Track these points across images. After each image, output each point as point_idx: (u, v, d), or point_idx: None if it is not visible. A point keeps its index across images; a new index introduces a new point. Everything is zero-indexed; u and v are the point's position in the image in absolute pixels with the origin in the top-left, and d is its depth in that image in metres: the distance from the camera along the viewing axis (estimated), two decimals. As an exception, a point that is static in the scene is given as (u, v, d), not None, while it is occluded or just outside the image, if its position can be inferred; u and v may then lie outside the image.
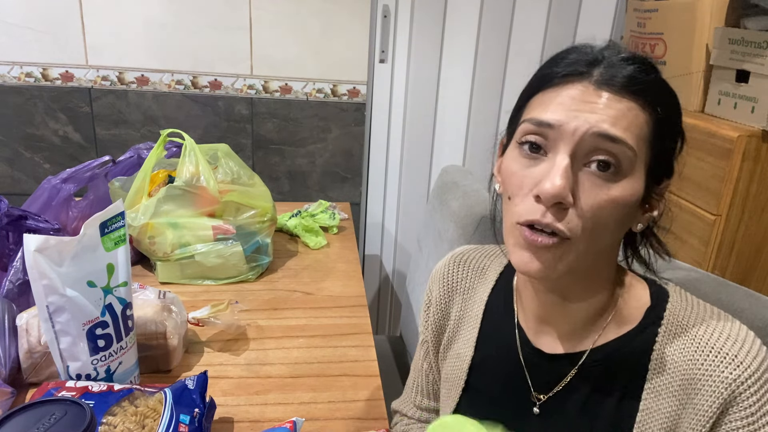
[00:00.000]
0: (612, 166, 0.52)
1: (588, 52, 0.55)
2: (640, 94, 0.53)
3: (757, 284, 1.37)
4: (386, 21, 1.91)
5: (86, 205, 1.23)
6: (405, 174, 2.08)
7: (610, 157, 0.52)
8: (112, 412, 0.68)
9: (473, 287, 0.75)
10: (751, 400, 0.53)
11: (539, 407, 0.66)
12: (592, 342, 0.62)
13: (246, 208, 1.23)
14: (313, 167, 1.98)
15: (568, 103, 0.53)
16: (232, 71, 1.87)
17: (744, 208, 1.30)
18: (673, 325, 0.59)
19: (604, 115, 0.52)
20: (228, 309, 1.01)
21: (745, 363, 0.54)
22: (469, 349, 0.72)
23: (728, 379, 0.54)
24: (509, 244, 0.58)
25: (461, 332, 0.75)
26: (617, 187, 0.53)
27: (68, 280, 0.73)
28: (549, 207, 0.52)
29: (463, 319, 0.75)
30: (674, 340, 0.58)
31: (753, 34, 1.29)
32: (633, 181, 0.53)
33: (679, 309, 0.60)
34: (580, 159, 0.53)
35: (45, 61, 1.80)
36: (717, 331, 0.56)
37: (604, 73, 0.53)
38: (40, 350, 0.83)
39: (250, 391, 0.88)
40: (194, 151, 1.18)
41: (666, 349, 0.58)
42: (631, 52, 0.55)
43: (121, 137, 1.89)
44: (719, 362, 0.54)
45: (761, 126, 1.27)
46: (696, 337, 0.57)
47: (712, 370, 0.54)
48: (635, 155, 0.52)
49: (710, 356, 0.55)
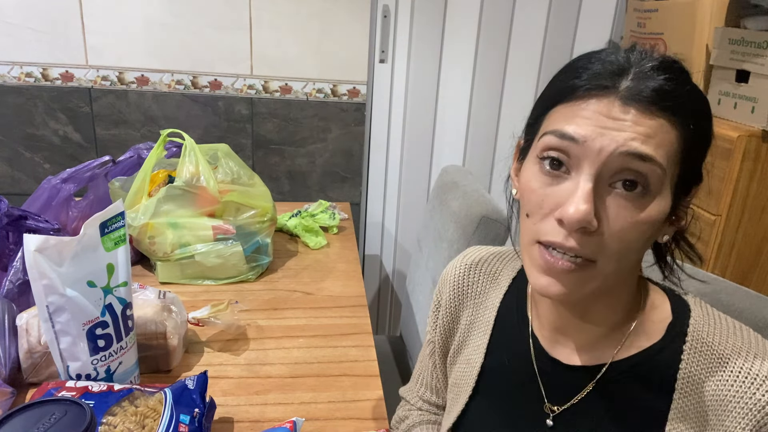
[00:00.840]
0: (640, 186, 0.49)
1: (613, 61, 0.51)
2: (671, 110, 0.49)
3: (757, 284, 1.37)
4: (386, 21, 1.91)
5: (86, 205, 1.23)
6: (405, 174, 2.08)
7: (638, 177, 0.49)
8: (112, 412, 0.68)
9: (485, 292, 0.73)
10: None
11: (553, 419, 0.63)
12: (611, 355, 0.60)
13: (246, 208, 1.23)
14: (313, 167, 1.98)
15: (594, 119, 0.49)
16: (232, 71, 1.87)
17: (744, 208, 1.30)
18: (698, 342, 0.57)
19: (633, 133, 0.48)
20: (228, 309, 1.01)
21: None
22: (479, 356, 0.70)
23: (761, 402, 0.51)
24: (526, 262, 0.55)
25: (471, 338, 0.73)
26: (644, 208, 0.50)
27: (68, 280, 0.73)
28: (572, 232, 0.50)
29: (473, 325, 0.73)
30: (701, 358, 0.56)
31: (753, 34, 1.29)
32: (661, 199, 0.51)
33: (703, 324, 0.58)
34: (606, 179, 0.50)
35: (45, 61, 1.80)
36: (744, 349, 0.54)
37: (631, 87, 0.49)
38: (40, 350, 0.83)
39: (250, 391, 0.88)
40: (194, 151, 1.18)
41: (693, 368, 0.56)
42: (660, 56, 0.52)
43: (121, 137, 1.89)
44: (750, 384, 0.52)
45: (761, 126, 1.27)
46: (723, 357, 0.55)
47: (743, 392, 0.52)
48: (665, 173, 0.50)
49: (740, 377, 0.53)
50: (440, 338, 0.77)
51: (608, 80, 0.50)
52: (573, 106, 0.51)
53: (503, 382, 0.69)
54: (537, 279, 0.54)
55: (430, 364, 0.81)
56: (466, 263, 0.74)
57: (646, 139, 0.48)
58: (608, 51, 0.53)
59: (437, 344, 0.78)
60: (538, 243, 0.53)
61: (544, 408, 0.64)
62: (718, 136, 1.30)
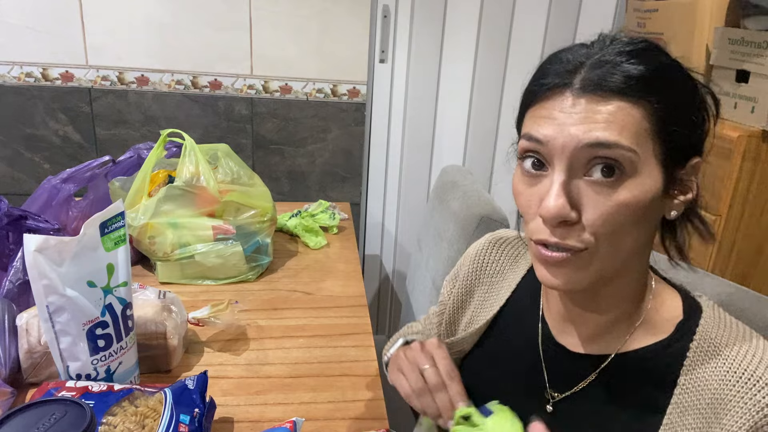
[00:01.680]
0: (614, 170, 0.50)
1: (570, 59, 0.53)
2: (623, 91, 0.50)
3: (757, 284, 1.37)
4: (386, 21, 1.91)
5: (86, 205, 1.23)
6: (405, 174, 2.08)
7: (611, 162, 0.50)
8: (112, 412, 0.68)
9: (503, 272, 0.75)
10: None
11: (553, 405, 0.64)
12: (617, 347, 0.61)
13: (246, 208, 1.23)
14: (313, 167, 1.98)
15: (553, 117, 0.52)
16: (232, 71, 1.87)
17: (744, 208, 1.30)
18: (706, 342, 0.57)
19: (592, 123, 0.50)
20: (228, 309, 1.01)
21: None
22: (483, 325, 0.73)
23: (761, 404, 0.52)
24: (532, 257, 0.58)
25: (482, 312, 0.75)
26: (623, 191, 0.51)
27: (68, 280, 0.73)
28: (555, 226, 0.52)
29: (486, 302, 0.75)
30: (706, 358, 0.56)
31: (753, 34, 1.29)
32: (642, 179, 0.51)
33: (712, 326, 0.58)
34: (580, 171, 0.52)
35: (45, 61, 1.80)
36: (750, 353, 0.55)
37: (584, 78, 0.51)
38: (40, 350, 0.83)
39: (250, 391, 0.88)
40: (194, 151, 1.18)
41: (697, 366, 0.56)
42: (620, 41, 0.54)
43: (121, 137, 1.89)
44: (752, 385, 0.53)
45: (761, 126, 1.27)
46: (729, 358, 0.55)
47: (744, 392, 0.53)
48: (636, 154, 0.50)
49: (743, 378, 0.53)
50: (452, 307, 0.80)
51: (564, 77, 0.52)
52: (539, 107, 0.54)
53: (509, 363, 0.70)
54: (539, 272, 0.56)
55: (435, 321, 0.84)
56: (491, 242, 0.77)
57: (607, 125, 0.50)
58: (573, 48, 0.55)
59: (447, 311, 0.81)
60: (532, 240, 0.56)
61: (546, 393, 0.65)
62: (718, 136, 1.30)
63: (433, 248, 1.34)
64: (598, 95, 0.50)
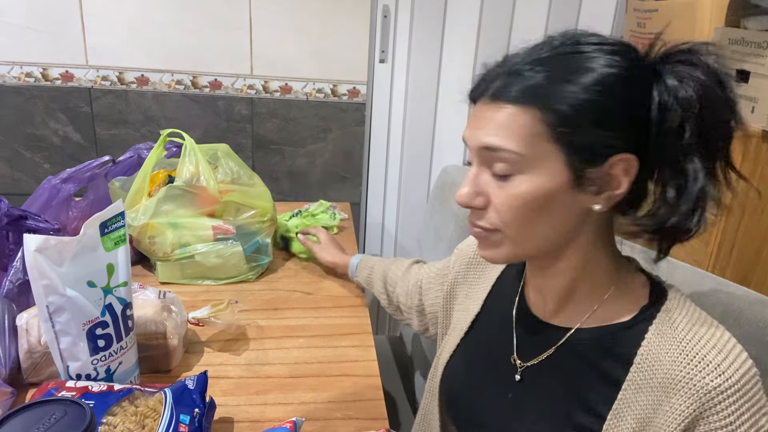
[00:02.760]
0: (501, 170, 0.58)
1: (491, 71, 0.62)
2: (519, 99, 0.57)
3: (757, 284, 1.37)
4: (386, 21, 1.91)
5: (86, 205, 1.23)
6: (405, 174, 2.08)
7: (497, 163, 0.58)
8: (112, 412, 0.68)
9: None
10: (729, 410, 0.54)
11: (521, 374, 0.69)
12: (579, 321, 0.66)
13: (246, 208, 1.23)
14: (313, 167, 1.98)
15: (471, 121, 0.62)
16: (232, 71, 1.87)
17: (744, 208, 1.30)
18: (665, 325, 0.60)
19: (487, 128, 0.58)
20: (228, 309, 1.01)
21: (727, 373, 0.55)
22: (476, 306, 0.79)
23: (708, 387, 0.54)
24: None
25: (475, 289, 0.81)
26: (514, 185, 0.58)
27: (68, 280, 0.73)
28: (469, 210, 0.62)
29: (480, 279, 0.81)
30: (663, 339, 0.59)
31: (753, 34, 1.29)
32: (533, 176, 0.57)
33: (673, 311, 0.61)
34: (486, 166, 0.61)
35: (45, 61, 1.80)
36: (705, 338, 0.58)
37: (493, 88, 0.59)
38: (40, 350, 0.83)
39: (250, 391, 0.88)
40: (194, 151, 1.18)
41: (653, 346, 0.60)
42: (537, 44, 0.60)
43: (121, 137, 1.89)
44: (701, 369, 0.55)
45: (761, 126, 1.27)
46: (683, 341, 0.58)
47: (693, 374, 0.55)
48: (521, 156, 0.57)
49: (693, 361, 0.56)
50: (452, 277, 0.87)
51: (481, 85, 0.61)
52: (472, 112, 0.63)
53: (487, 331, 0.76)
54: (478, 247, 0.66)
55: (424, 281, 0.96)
56: None
57: (497, 130, 0.58)
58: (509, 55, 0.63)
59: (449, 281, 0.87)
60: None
61: (512, 360, 0.70)
62: (718, 136, 1.30)
63: (432, 248, 1.35)
64: (497, 103, 0.58)
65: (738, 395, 0.54)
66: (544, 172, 0.57)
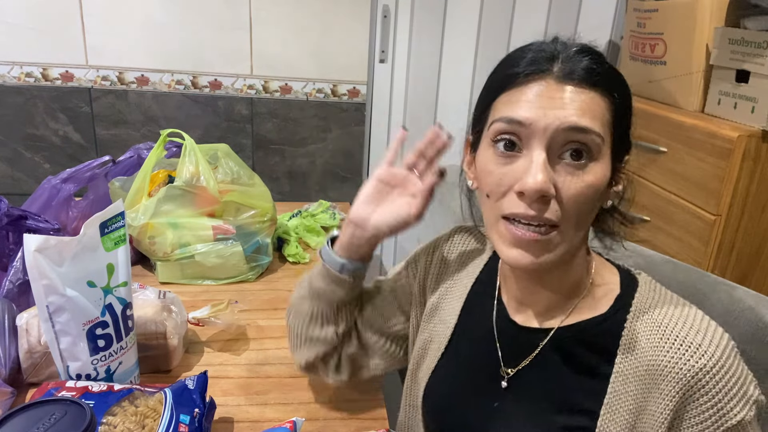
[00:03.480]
0: (584, 154, 0.55)
1: (545, 49, 0.58)
2: (600, 84, 0.56)
3: (757, 284, 1.37)
4: (386, 21, 1.91)
5: (86, 205, 1.23)
6: (405, 174, 2.08)
7: (581, 147, 0.55)
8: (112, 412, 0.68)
9: (470, 258, 0.78)
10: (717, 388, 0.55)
11: (507, 381, 0.68)
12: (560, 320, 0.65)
13: (246, 208, 1.23)
14: (313, 167, 1.98)
15: (536, 101, 0.56)
16: (232, 71, 1.87)
17: (744, 208, 1.30)
18: (641, 312, 0.61)
19: (571, 109, 0.55)
20: (228, 309, 1.01)
21: (709, 352, 0.56)
22: (453, 317, 0.75)
23: (694, 369, 0.55)
24: (495, 238, 0.60)
25: (449, 298, 0.77)
26: (590, 173, 0.56)
27: (68, 280, 0.73)
28: (534, 201, 0.55)
29: (453, 287, 0.77)
30: (642, 326, 0.60)
31: (753, 34, 1.29)
32: (602, 164, 0.57)
33: (647, 298, 0.62)
34: (555, 152, 0.56)
35: (45, 61, 1.80)
36: (681, 321, 0.59)
37: (563, 68, 0.56)
38: (40, 350, 0.83)
39: (250, 391, 0.88)
40: (194, 151, 1.18)
41: (633, 335, 0.60)
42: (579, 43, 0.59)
43: (121, 137, 1.89)
44: (684, 351, 0.56)
45: (761, 126, 1.27)
46: (661, 326, 0.59)
47: (677, 358, 0.56)
48: (603, 141, 0.56)
49: (675, 345, 0.57)
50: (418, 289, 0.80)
51: (543, 65, 0.57)
52: (515, 92, 0.57)
53: (469, 344, 0.73)
54: (508, 252, 0.58)
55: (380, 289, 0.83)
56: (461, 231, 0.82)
57: (583, 112, 0.55)
58: (538, 42, 0.60)
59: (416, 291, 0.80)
60: (503, 218, 0.58)
61: (501, 371, 0.68)
62: (718, 136, 1.30)
63: (433, 248, 1.34)
64: (577, 84, 0.55)
65: (722, 372, 0.55)
66: (604, 161, 0.57)
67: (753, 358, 0.71)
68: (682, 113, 1.48)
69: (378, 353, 0.81)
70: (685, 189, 1.41)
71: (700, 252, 1.36)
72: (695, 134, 1.37)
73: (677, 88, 1.55)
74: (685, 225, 1.41)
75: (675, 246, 1.44)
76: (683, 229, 1.41)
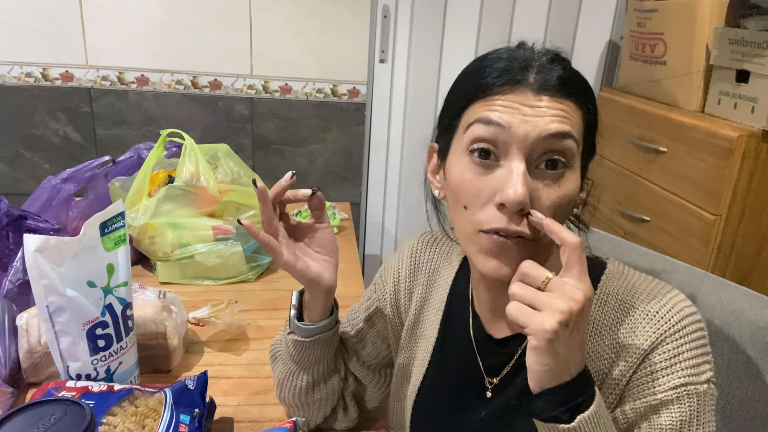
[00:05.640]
0: (561, 164, 0.55)
1: (517, 57, 0.57)
2: (575, 95, 0.56)
3: (757, 284, 1.37)
4: (386, 21, 1.91)
5: (86, 205, 1.23)
6: (405, 174, 2.08)
7: (558, 155, 0.55)
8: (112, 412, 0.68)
9: (438, 270, 0.76)
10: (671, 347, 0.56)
11: (491, 391, 0.68)
12: None
13: (246, 208, 1.23)
14: (313, 167, 1.98)
15: (513, 108, 0.54)
16: (232, 71, 1.87)
17: (744, 208, 1.30)
18: (605, 293, 0.62)
19: (551, 117, 0.54)
20: (228, 309, 1.01)
21: (667, 317, 0.57)
22: (434, 331, 0.74)
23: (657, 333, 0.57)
24: (472, 251, 0.58)
25: (426, 314, 0.76)
26: (566, 182, 0.56)
27: (68, 280, 0.73)
28: (513, 215, 0.54)
29: (427, 301, 0.76)
30: (606, 308, 0.61)
31: (753, 34, 1.29)
32: (576, 172, 0.57)
33: (613, 279, 0.63)
34: (533, 162, 0.55)
35: (45, 61, 1.80)
36: (644, 293, 0.60)
37: (538, 78, 0.55)
38: (40, 350, 0.83)
39: (250, 391, 0.88)
40: (194, 151, 1.18)
41: (599, 315, 0.61)
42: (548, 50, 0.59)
43: (121, 137, 1.89)
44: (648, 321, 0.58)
45: (761, 126, 1.27)
46: (626, 303, 0.60)
47: (644, 330, 0.58)
48: (579, 148, 0.56)
49: (641, 319, 0.58)
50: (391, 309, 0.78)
51: (518, 74, 0.55)
52: (489, 101, 0.56)
53: (451, 357, 0.73)
54: (486, 264, 0.57)
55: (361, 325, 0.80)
56: (423, 240, 0.79)
57: (563, 120, 0.54)
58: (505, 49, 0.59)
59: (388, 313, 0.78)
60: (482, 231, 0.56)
61: (485, 382, 0.68)
62: (718, 136, 1.30)
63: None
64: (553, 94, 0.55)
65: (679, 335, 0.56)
66: (577, 169, 0.58)
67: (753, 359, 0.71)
68: (682, 113, 1.48)
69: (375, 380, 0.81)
70: (685, 189, 1.41)
71: (700, 252, 1.36)
72: (695, 134, 1.37)
73: (677, 88, 1.55)
74: (685, 225, 1.41)
75: (675, 246, 1.44)
76: (683, 229, 1.41)
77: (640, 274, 0.64)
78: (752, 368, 0.72)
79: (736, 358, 0.73)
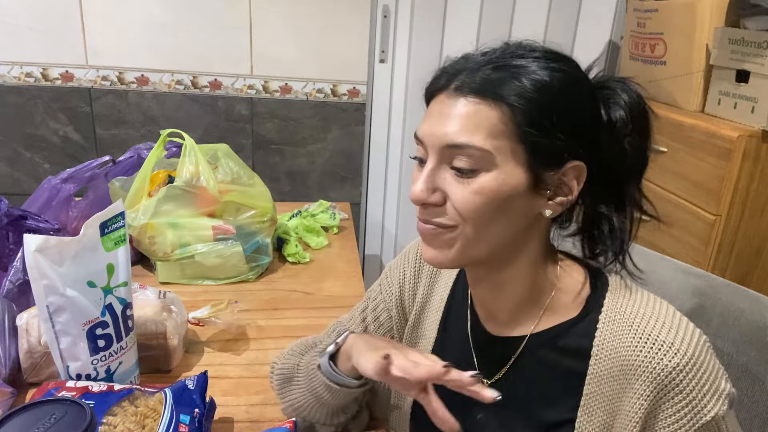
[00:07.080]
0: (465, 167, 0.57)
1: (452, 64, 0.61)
2: (486, 93, 0.56)
3: (757, 284, 1.37)
4: (386, 21, 1.91)
5: (86, 205, 1.23)
6: (405, 174, 2.08)
7: (462, 160, 0.57)
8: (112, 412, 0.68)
9: (440, 270, 0.78)
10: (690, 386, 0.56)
11: None
12: (531, 328, 0.65)
13: (246, 208, 1.23)
14: (313, 167, 1.98)
15: (433, 116, 0.60)
16: (232, 71, 1.87)
17: (744, 208, 1.30)
18: (612, 311, 0.61)
19: (452, 126, 0.57)
20: (228, 309, 1.01)
21: (681, 350, 0.56)
22: (433, 332, 0.75)
23: (667, 368, 0.56)
24: None
25: (426, 314, 0.77)
26: (476, 182, 0.57)
27: (68, 280, 0.73)
28: (422, 207, 0.60)
29: (428, 302, 0.78)
30: (614, 326, 0.60)
31: (753, 34, 1.29)
32: (497, 174, 0.57)
33: (618, 296, 0.62)
34: (446, 162, 0.59)
35: (45, 61, 1.80)
36: (653, 318, 0.59)
37: (458, 83, 0.58)
38: (40, 350, 0.83)
39: (250, 391, 0.88)
40: (194, 151, 1.18)
41: (606, 335, 0.60)
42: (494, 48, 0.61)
43: (121, 137, 1.89)
44: (657, 350, 0.57)
45: (761, 126, 1.27)
46: (633, 325, 0.59)
47: (650, 357, 0.57)
48: (488, 153, 0.56)
49: (648, 344, 0.57)
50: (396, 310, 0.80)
51: (445, 80, 0.60)
52: (429, 108, 0.62)
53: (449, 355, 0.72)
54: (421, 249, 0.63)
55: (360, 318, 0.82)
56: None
57: (463, 127, 0.57)
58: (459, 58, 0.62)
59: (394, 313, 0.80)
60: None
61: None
62: (718, 136, 1.30)
63: (433, 248, 1.34)
64: (464, 96, 0.57)
65: (695, 369, 0.56)
66: (506, 171, 0.57)
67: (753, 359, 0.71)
68: (682, 113, 1.48)
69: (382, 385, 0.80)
70: (685, 189, 1.41)
71: (700, 252, 1.36)
72: (695, 134, 1.37)
73: (677, 88, 1.55)
74: (685, 225, 1.41)
75: (675, 246, 1.44)
76: (683, 229, 1.41)
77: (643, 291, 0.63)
78: (752, 368, 0.72)
79: (736, 358, 0.73)
